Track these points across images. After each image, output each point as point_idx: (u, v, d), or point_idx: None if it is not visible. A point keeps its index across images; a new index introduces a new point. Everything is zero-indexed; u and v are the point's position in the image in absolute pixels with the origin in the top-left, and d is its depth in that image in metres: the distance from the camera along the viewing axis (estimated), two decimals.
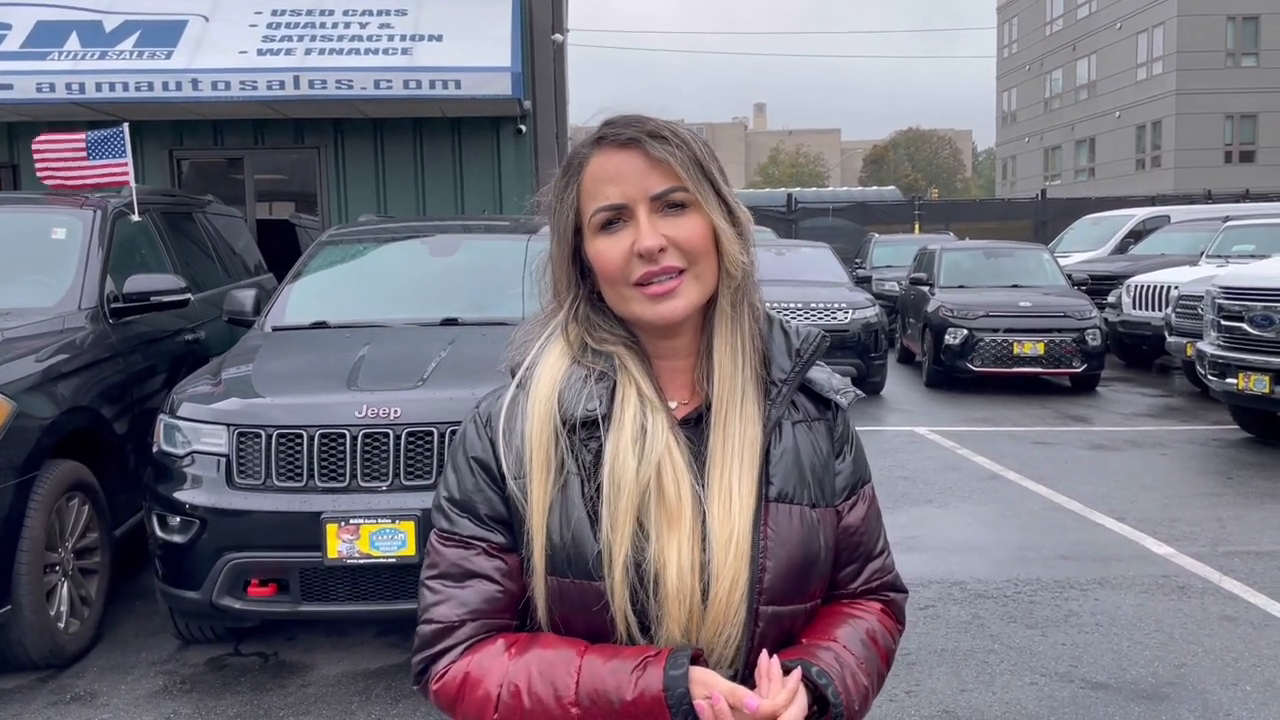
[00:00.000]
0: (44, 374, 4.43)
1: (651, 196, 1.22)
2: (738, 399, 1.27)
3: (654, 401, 1.25)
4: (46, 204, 5.77)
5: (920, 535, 6.12)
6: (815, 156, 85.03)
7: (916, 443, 8.84)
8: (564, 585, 1.22)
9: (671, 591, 1.20)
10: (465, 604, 1.25)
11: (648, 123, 1.24)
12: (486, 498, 1.27)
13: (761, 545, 1.24)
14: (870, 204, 25.66)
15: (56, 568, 4.38)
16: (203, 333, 6.14)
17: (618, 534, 1.20)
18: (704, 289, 1.25)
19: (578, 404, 1.24)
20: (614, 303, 1.26)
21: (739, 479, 1.24)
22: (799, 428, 1.32)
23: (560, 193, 1.27)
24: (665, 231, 1.22)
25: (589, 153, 1.25)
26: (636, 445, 1.22)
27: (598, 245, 1.24)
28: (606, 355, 1.27)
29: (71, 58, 8.22)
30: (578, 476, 1.23)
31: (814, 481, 1.30)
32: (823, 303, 11.16)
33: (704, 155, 1.25)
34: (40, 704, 4.06)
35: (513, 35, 8.61)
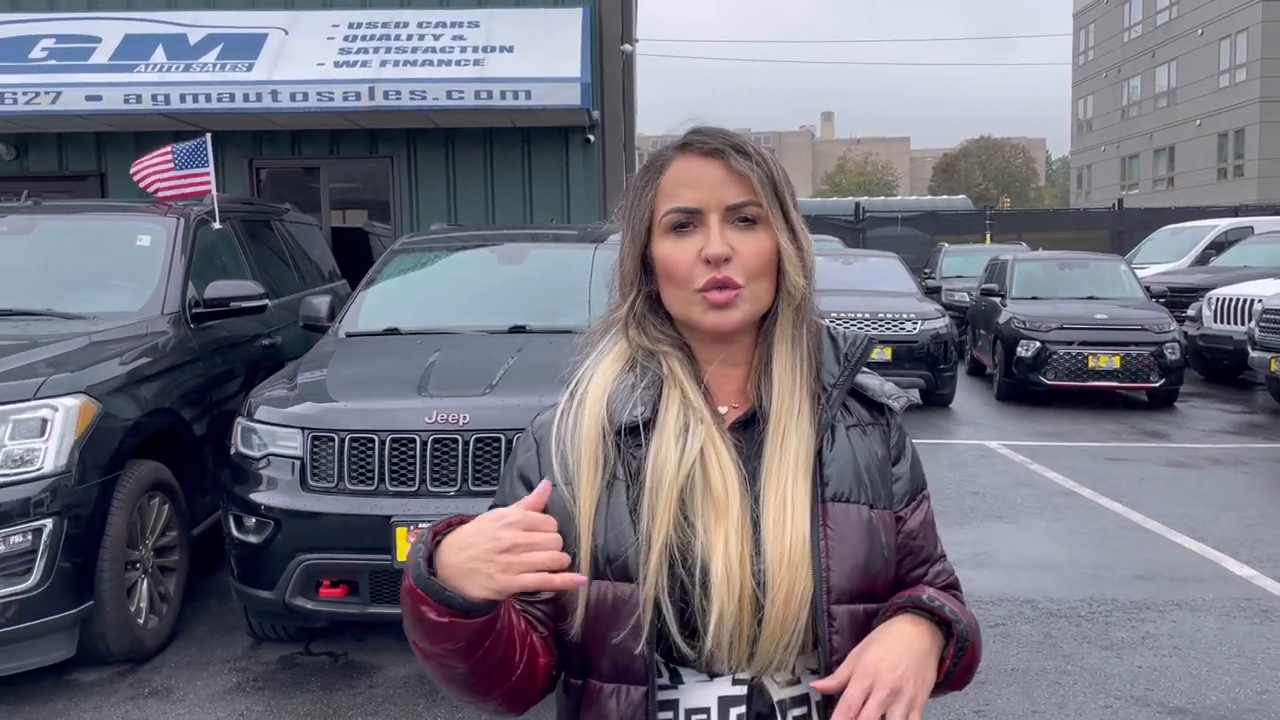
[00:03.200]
0: (128, 377, 4.57)
1: (726, 206, 1.25)
2: (795, 413, 1.28)
3: (697, 406, 1.27)
4: (132, 212, 5.96)
5: (990, 552, 6.01)
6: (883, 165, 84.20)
7: (987, 457, 8.69)
8: (602, 590, 1.24)
9: (718, 581, 1.20)
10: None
11: (733, 137, 1.28)
12: None
13: (823, 546, 1.24)
14: (940, 213, 25.31)
15: (137, 565, 4.52)
16: (279, 337, 6.29)
17: (658, 524, 1.21)
18: (758, 307, 1.28)
19: (624, 411, 1.27)
20: (672, 304, 1.29)
21: (793, 489, 1.25)
22: (853, 432, 1.33)
23: (639, 190, 1.30)
24: (733, 243, 1.25)
25: (673, 156, 1.29)
26: (679, 442, 1.25)
27: (665, 245, 1.27)
28: (656, 362, 1.30)
29: (157, 70, 8.49)
30: (623, 481, 1.26)
31: (870, 483, 1.31)
32: (890, 313, 11.03)
33: (779, 178, 1.28)
34: (119, 698, 4.18)
35: (582, 46, 8.68)
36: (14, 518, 3.93)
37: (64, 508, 4.06)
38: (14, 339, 4.55)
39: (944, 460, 8.48)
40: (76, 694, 4.20)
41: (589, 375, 1.32)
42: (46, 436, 4.05)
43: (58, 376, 4.19)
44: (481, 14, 9.26)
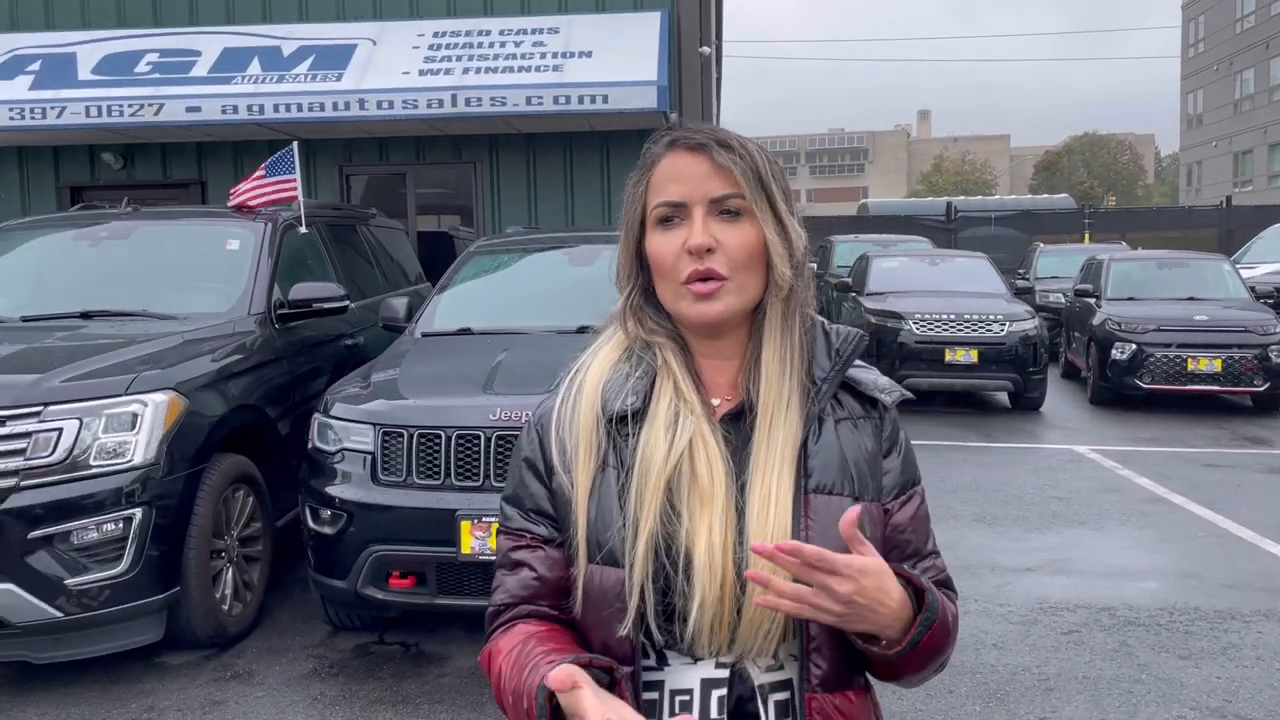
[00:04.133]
0: (214, 374, 4.79)
1: (710, 199, 1.28)
2: (783, 405, 1.30)
3: (689, 397, 1.31)
4: (223, 217, 6.24)
5: (1069, 558, 5.86)
6: (981, 163, 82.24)
7: (1075, 462, 8.46)
8: (592, 573, 1.28)
9: (700, 567, 1.23)
10: (509, 590, 1.35)
11: (719, 133, 1.31)
12: (531, 493, 1.35)
13: (804, 536, 1.26)
14: (1035, 212, 24.65)
15: (222, 554, 4.73)
16: (362, 337, 6.49)
17: (645, 511, 1.25)
18: (744, 299, 1.30)
19: (617, 399, 1.31)
20: (664, 297, 1.33)
21: (777, 481, 1.27)
22: (843, 425, 1.34)
23: (633, 187, 1.35)
24: (717, 235, 1.28)
25: (662, 153, 1.33)
26: (669, 432, 1.28)
27: (654, 238, 1.31)
28: (652, 353, 1.34)
29: (253, 81, 8.85)
30: (615, 468, 1.30)
31: (856, 475, 1.32)
32: (977, 314, 10.81)
33: (766, 170, 1.30)
34: (203, 680, 4.38)
35: (659, 49, 8.75)
36: (106, 506, 4.15)
37: (153, 498, 4.27)
38: (110, 338, 4.80)
39: (1028, 465, 8.29)
40: (164, 675, 4.42)
41: (588, 365, 1.37)
42: (137, 430, 4.27)
43: (148, 373, 4.41)
44: (561, 20, 9.40)
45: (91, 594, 4.12)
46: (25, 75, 9.10)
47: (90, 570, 4.11)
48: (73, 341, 4.74)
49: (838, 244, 17.61)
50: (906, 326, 10.79)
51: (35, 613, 4.00)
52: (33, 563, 4.00)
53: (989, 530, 6.44)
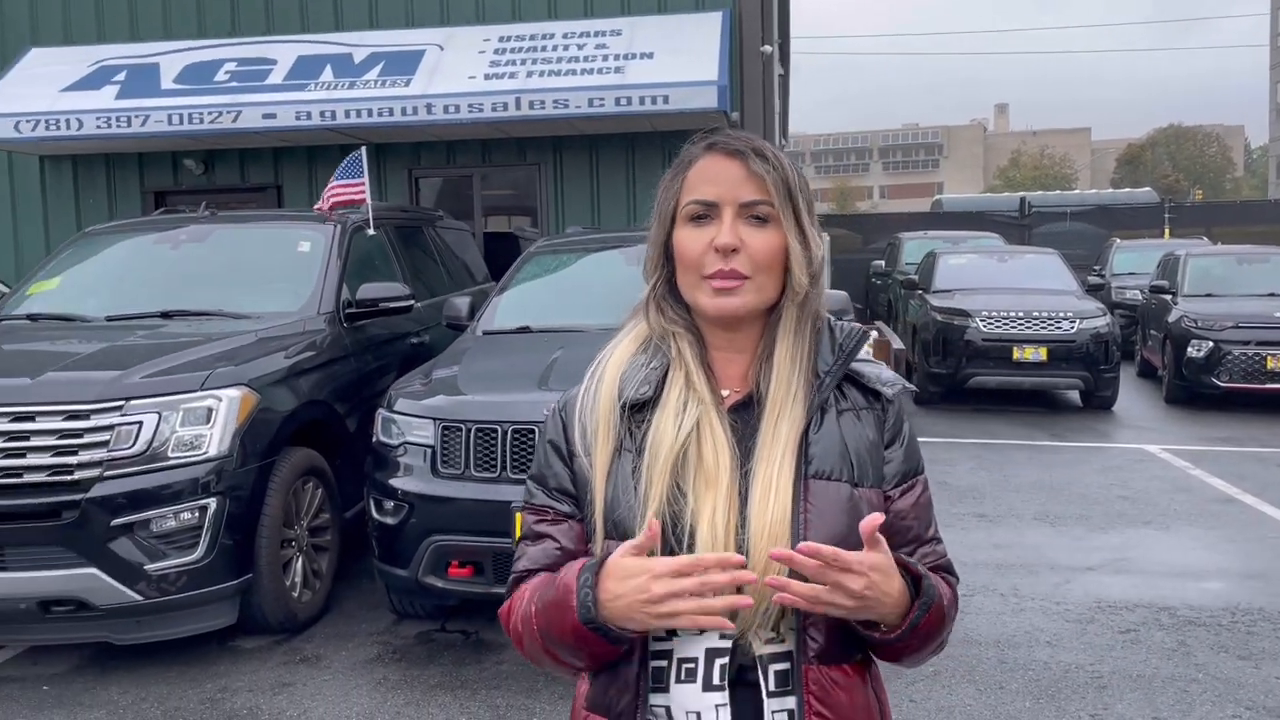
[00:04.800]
0: (285, 371, 4.99)
1: (741, 203, 1.38)
2: (790, 399, 1.39)
3: (698, 385, 1.40)
4: (296, 220, 6.47)
5: (1131, 558, 5.79)
6: (1061, 158, 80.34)
7: (1145, 461, 8.31)
8: (609, 549, 1.37)
9: (703, 544, 1.32)
10: (532, 559, 1.44)
11: (755, 141, 1.41)
12: (555, 473, 1.46)
13: (803, 519, 1.34)
14: (1113, 207, 24.06)
15: (292, 543, 4.93)
16: (428, 336, 6.67)
17: (653, 491, 1.35)
18: (762, 298, 1.40)
19: (633, 388, 1.41)
20: (685, 289, 1.41)
21: (779, 468, 1.35)
22: (845, 416, 1.42)
23: (669, 183, 1.44)
24: (743, 237, 1.37)
25: (700, 154, 1.42)
26: (676, 419, 1.38)
27: (683, 233, 1.40)
28: (668, 345, 1.43)
29: (325, 88, 9.13)
30: (630, 452, 1.39)
31: (857, 463, 1.40)
32: (1046, 311, 10.66)
33: (794, 182, 1.40)
34: (274, 663, 4.58)
35: (720, 49, 8.80)
36: (183, 496, 4.37)
37: (226, 489, 4.48)
38: (187, 336, 5.04)
39: (1095, 464, 8.17)
40: (237, 658, 4.63)
41: (609, 356, 1.47)
42: (211, 424, 4.48)
43: (222, 370, 4.63)
44: (624, 22, 9.51)
45: (169, 579, 4.34)
46: (111, 85, 9.52)
47: (168, 557, 4.33)
48: (152, 340, 4.99)
49: (906, 241, 17.44)
50: (973, 324, 10.67)
51: (116, 596, 4.23)
52: (115, 549, 4.23)
53: (1051, 529, 6.38)
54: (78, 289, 5.91)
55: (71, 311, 5.63)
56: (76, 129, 9.24)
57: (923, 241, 16.70)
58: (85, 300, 5.74)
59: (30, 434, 4.26)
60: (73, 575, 4.20)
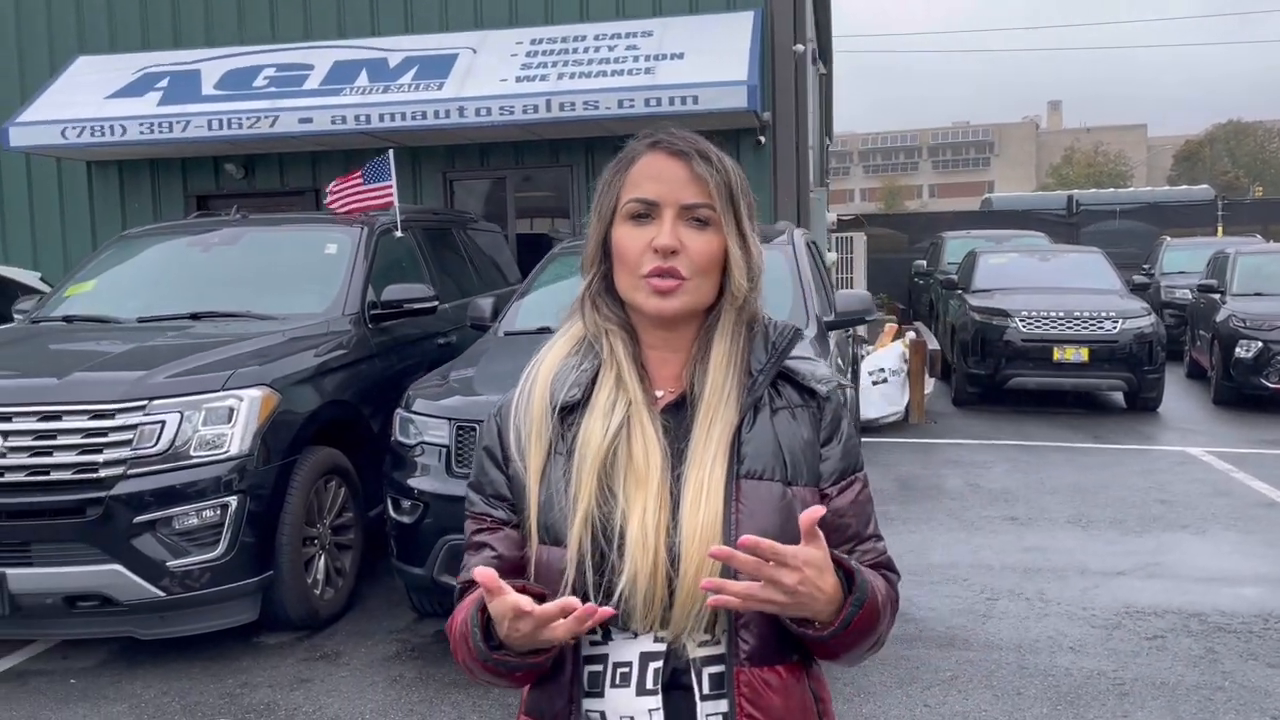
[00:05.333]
0: (307, 371, 5.06)
1: (682, 205, 1.36)
2: (723, 400, 1.37)
3: (629, 385, 1.39)
4: (324, 223, 6.56)
5: (1163, 562, 5.66)
6: (1116, 155, 78.79)
7: (1186, 464, 8.12)
8: (541, 552, 1.37)
9: (632, 544, 1.30)
10: (472, 569, 1.41)
11: (701, 144, 1.39)
12: (491, 479, 1.45)
13: (734, 519, 1.33)
14: (1165, 205, 23.55)
15: (314, 541, 4.99)
16: (454, 337, 6.72)
17: (581, 493, 1.34)
18: (699, 299, 1.38)
19: (564, 391, 1.40)
20: (622, 288, 1.40)
21: (711, 470, 1.34)
22: (780, 414, 1.40)
23: (610, 179, 1.43)
24: (683, 239, 1.36)
25: (643, 151, 1.40)
26: (605, 419, 1.37)
27: (623, 230, 1.38)
28: (602, 343, 1.42)
29: (360, 92, 9.24)
30: (561, 454, 1.38)
31: (790, 462, 1.38)
32: (1088, 311, 10.46)
33: (737, 187, 1.39)
34: (294, 659, 4.65)
35: (751, 49, 8.76)
36: (205, 494, 4.45)
37: (248, 487, 4.55)
38: (212, 337, 5.13)
39: (1135, 467, 8.00)
40: (260, 654, 4.70)
41: (543, 358, 1.46)
42: (233, 423, 4.56)
43: (244, 370, 4.71)
44: (655, 23, 9.51)
45: (192, 575, 4.42)
46: (155, 92, 9.72)
47: (190, 553, 4.41)
48: (179, 340, 5.08)
49: (948, 240, 17.25)
50: (1013, 324, 10.51)
51: (140, 592, 4.32)
52: (138, 545, 4.32)
53: (1083, 533, 6.26)
54: (112, 291, 6.04)
55: (105, 313, 5.75)
56: (121, 135, 9.46)
57: (965, 241, 16.50)
58: (119, 302, 5.87)
59: (57, 433, 4.36)
60: (97, 571, 4.29)
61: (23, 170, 11.15)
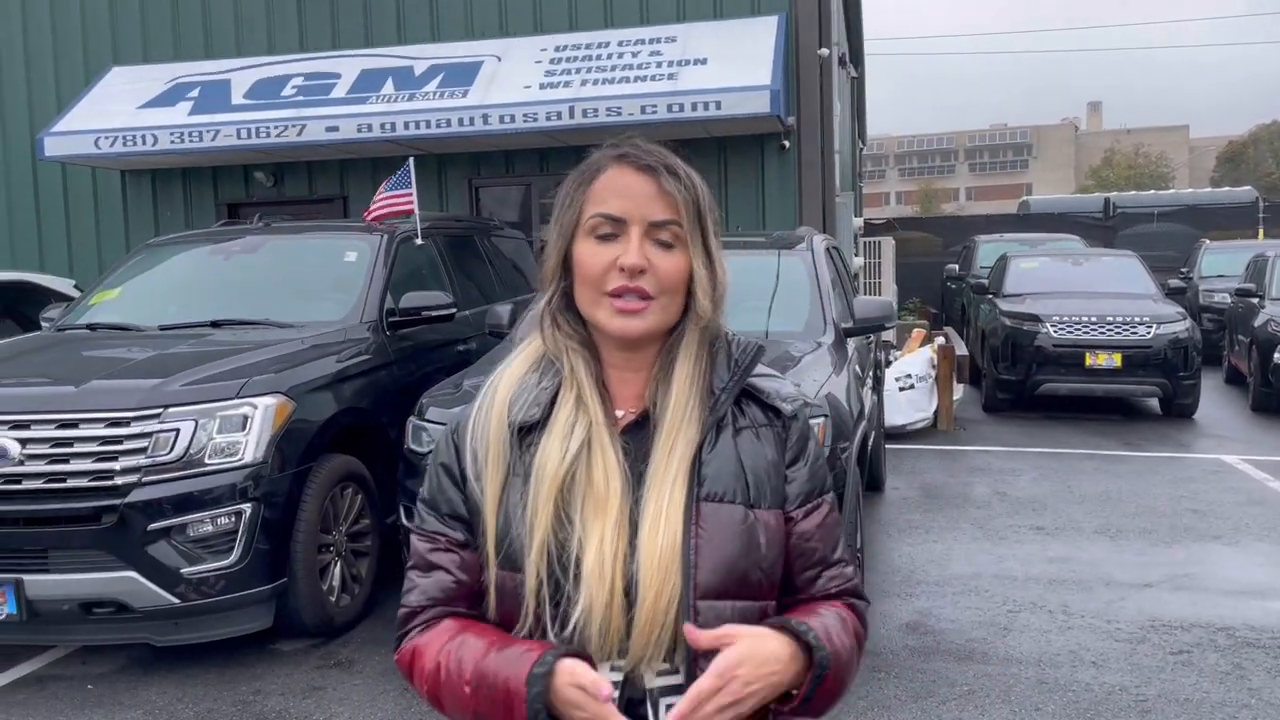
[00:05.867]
0: (323, 378, 5.07)
1: (650, 222, 1.32)
2: (685, 420, 1.33)
3: (590, 405, 1.34)
4: (345, 231, 6.59)
5: (1193, 574, 5.53)
6: (1157, 156, 77.58)
7: (1220, 472, 7.95)
8: (500, 578, 1.33)
9: (589, 574, 1.26)
10: (426, 592, 1.38)
11: (668, 157, 1.35)
12: (448, 498, 1.40)
13: (693, 544, 1.29)
14: (1205, 207, 23.12)
15: (330, 548, 5.00)
16: (474, 344, 6.72)
17: (537, 519, 1.29)
18: (665, 320, 1.34)
19: (522, 411, 1.35)
20: (584, 305, 1.35)
21: (671, 493, 1.30)
22: (744, 434, 1.37)
23: (571, 192, 1.38)
24: (650, 257, 1.31)
25: (608, 164, 1.36)
26: (564, 442, 1.32)
27: (586, 247, 1.33)
28: (563, 361, 1.37)
29: (386, 100, 9.30)
30: (519, 476, 1.34)
31: (753, 483, 1.34)
32: (1121, 316, 10.29)
33: (704, 203, 1.35)
34: (308, 667, 4.65)
35: (775, 53, 8.71)
36: (219, 501, 4.47)
37: (262, 494, 4.57)
38: (230, 345, 5.16)
39: (1167, 475, 7.84)
40: (274, 661, 4.72)
41: (500, 376, 1.41)
42: (247, 431, 4.58)
43: (259, 378, 4.72)
44: (679, 29, 9.48)
45: (207, 582, 4.44)
46: (186, 101, 9.84)
47: (204, 560, 4.43)
48: (197, 348, 5.12)
49: (981, 244, 17.05)
50: (1044, 329, 10.36)
51: (155, 599, 4.35)
52: (153, 552, 4.34)
53: (1110, 543, 6.14)
54: (136, 299, 6.10)
55: (128, 321, 5.81)
56: (152, 144, 9.58)
57: (998, 245, 16.31)
58: (142, 310, 5.92)
59: (74, 440, 4.40)
60: (112, 578, 4.32)
61: (59, 179, 11.34)
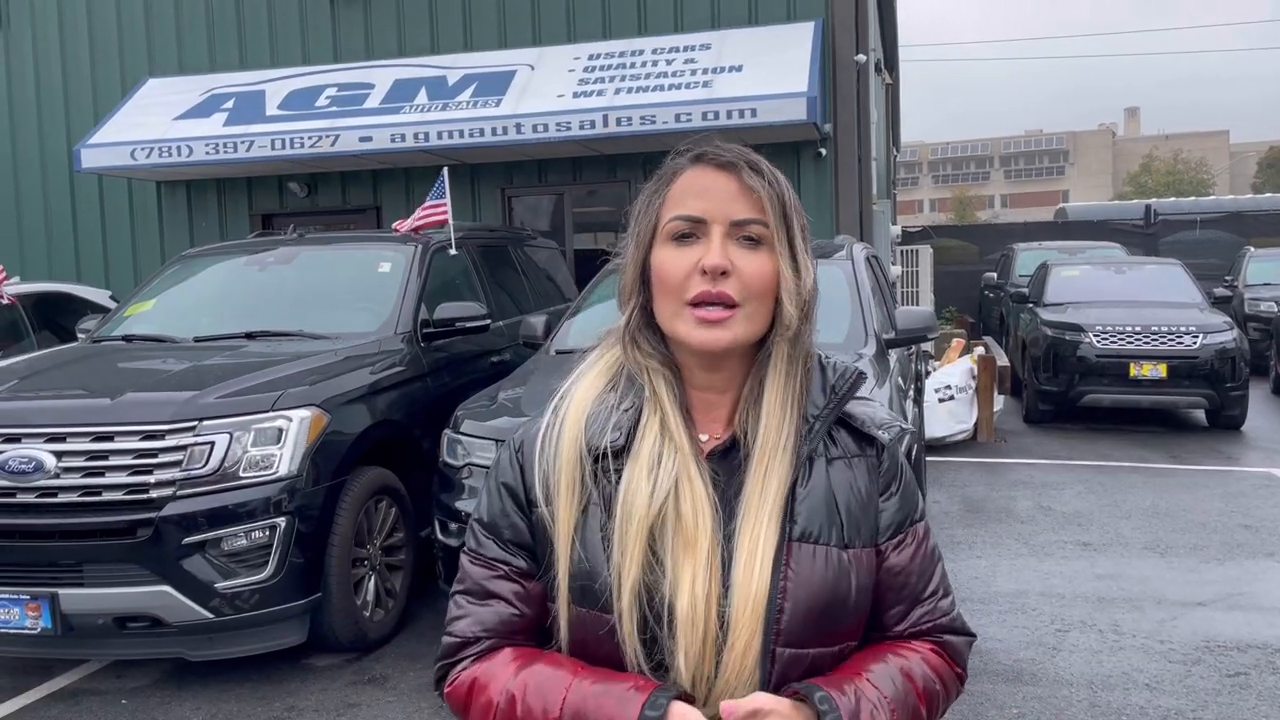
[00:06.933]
0: (358, 391, 5.03)
1: (733, 221, 1.22)
2: (781, 444, 1.24)
3: (675, 433, 1.24)
4: (378, 241, 6.56)
5: (1248, 593, 5.36)
6: (1197, 162, 76.53)
7: (1271, 486, 7.73)
8: (580, 614, 1.24)
9: (683, 620, 1.18)
10: (482, 622, 1.29)
11: (749, 154, 1.26)
12: (511, 523, 1.30)
13: (781, 586, 1.20)
14: (1248, 213, 22.68)
15: (364, 562, 4.95)
16: (508, 355, 6.67)
17: (627, 560, 1.20)
18: (752, 330, 1.24)
19: (602, 434, 1.25)
20: (664, 318, 1.25)
21: (765, 530, 1.21)
22: (836, 465, 1.27)
23: (649, 198, 1.29)
24: (734, 259, 1.21)
25: (686, 166, 1.27)
26: (651, 475, 1.22)
27: (664, 253, 1.24)
28: (642, 381, 1.28)
29: (420, 110, 9.30)
30: (598, 506, 1.24)
31: (848, 521, 1.25)
32: (1166, 326, 10.07)
33: (790, 201, 1.25)
34: (342, 682, 4.60)
35: (811, 60, 8.61)
36: (254, 515, 4.43)
37: (296, 508, 4.52)
38: (264, 357, 5.13)
39: (1216, 489, 7.64)
40: (308, 677, 4.67)
41: (572, 392, 1.31)
42: (282, 444, 4.54)
43: (293, 390, 4.68)
44: (713, 36, 9.41)
45: (242, 597, 4.39)
46: (220, 112, 9.90)
47: (239, 575, 4.39)
48: (232, 360, 5.09)
49: (1020, 252, 16.81)
50: (1086, 339, 10.16)
51: (189, 613, 4.31)
52: (187, 566, 4.31)
53: (1160, 560, 5.96)
54: (171, 310, 6.10)
55: (163, 332, 5.81)
56: (187, 155, 9.64)
57: (1037, 252, 16.07)
58: (177, 321, 5.92)
59: (109, 453, 4.38)
60: (147, 592, 4.29)
61: (95, 191, 11.45)
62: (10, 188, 11.70)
